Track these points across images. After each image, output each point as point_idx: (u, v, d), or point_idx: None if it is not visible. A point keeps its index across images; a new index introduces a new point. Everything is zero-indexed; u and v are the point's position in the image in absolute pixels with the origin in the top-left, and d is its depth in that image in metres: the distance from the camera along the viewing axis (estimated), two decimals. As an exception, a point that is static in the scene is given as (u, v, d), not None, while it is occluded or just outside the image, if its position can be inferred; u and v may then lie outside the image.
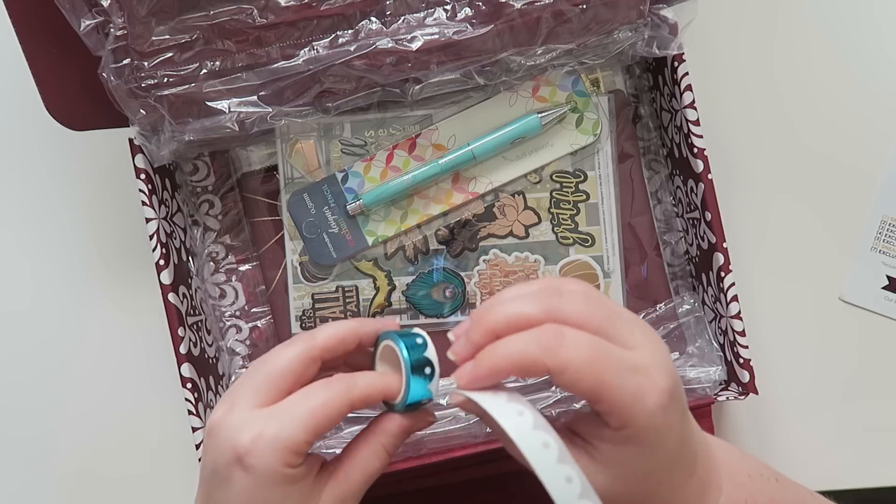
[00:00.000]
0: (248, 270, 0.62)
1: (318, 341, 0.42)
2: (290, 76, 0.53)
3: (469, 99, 0.60)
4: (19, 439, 0.64)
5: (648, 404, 0.38)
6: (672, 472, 0.41)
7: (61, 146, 0.64)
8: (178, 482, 0.63)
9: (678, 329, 0.61)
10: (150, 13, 0.51)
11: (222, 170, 0.62)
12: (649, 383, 0.38)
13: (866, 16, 0.65)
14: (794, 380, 0.63)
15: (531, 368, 0.37)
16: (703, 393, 0.58)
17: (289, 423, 0.39)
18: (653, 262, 0.62)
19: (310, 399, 0.40)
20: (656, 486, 0.41)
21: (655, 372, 0.38)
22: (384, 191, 0.60)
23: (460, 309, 0.62)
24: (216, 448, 0.41)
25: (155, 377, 0.63)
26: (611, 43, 0.56)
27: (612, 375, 0.37)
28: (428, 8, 0.53)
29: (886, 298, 0.63)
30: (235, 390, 0.42)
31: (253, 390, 0.41)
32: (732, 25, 0.65)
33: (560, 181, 0.61)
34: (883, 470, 0.64)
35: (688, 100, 0.56)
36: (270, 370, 0.42)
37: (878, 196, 0.64)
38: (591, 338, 0.38)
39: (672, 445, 0.40)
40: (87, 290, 0.64)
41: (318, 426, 0.40)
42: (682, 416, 0.40)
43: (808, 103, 0.64)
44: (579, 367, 0.37)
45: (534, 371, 0.38)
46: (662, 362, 0.39)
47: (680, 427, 0.40)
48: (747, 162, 0.64)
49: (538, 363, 0.37)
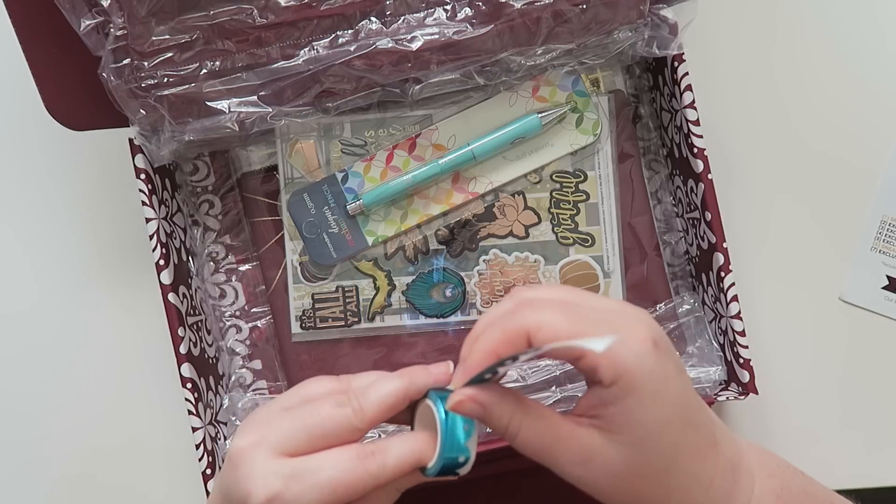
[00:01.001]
0: (248, 270, 0.62)
1: (368, 415, 0.41)
2: (290, 76, 0.53)
3: (469, 99, 0.60)
4: (19, 439, 0.64)
5: (632, 347, 0.38)
6: (686, 433, 0.40)
7: (61, 146, 0.64)
8: (177, 482, 0.63)
9: (678, 329, 0.61)
10: (150, 13, 0.51)
11: (222, 170, 0.62)
12: (628, 330, 0.38)
13: (866, 16, 0.65)
14: (794, 380, 0.63)
15: (513, 337, 0.38)
16: (703, 393, 0.58)
17: (308, 492, 0.39)
18: (653, 262, 0.62)
19: (336, 469, 0.40)
20: (674, 453, 0.39)
21: (631, 320, 0.39)
22: (384, 191, 0.60)
23: (460, 309, 0.62)
24: (234, 482, 0.41)
25: (155, 377, 0.63)
26: (611, 43, 0.56)
27: (587, 324, 0.38)
28: (428, 8, 0.53)
29: (886, 298, 0.63)
30: (268, 422, 0.41)
31: (286, 436, 0.40)
32: (732, 25, 0.65)
33: (560, 181, 0.61)
34: (883, 470, 0.64)
35: (688, 100, 0.56)
36: (311, 425, 0.41)
37: (878, 196, 0.64)
38: (560, 300, 0.40)
39: (675, 396, 0.39)
40: (87, 291, 0.64)
41: (337, 500, 0.40)
42: (678, 369, 0.40)
43: (808, 103, 0.64)
44: (554, 322, 0.38)
45: (517, 339, 0.38)
46: (638, 315, 0.40)
47: (679, 379, 0.39)
48: (747, 162, 0.64)
49: (518, 328, 0.38)
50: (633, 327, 0.39)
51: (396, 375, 0.42)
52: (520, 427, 0.39)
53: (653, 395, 0.38)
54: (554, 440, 0.39)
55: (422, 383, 0.42)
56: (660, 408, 0.38)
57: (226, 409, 0.59)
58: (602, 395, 0.39)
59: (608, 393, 0.38)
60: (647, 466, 0.39)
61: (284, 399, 0.43)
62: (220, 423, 0.59)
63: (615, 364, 0.38)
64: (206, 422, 0.56)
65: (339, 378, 0.44)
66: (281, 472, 0.39)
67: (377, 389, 0.41)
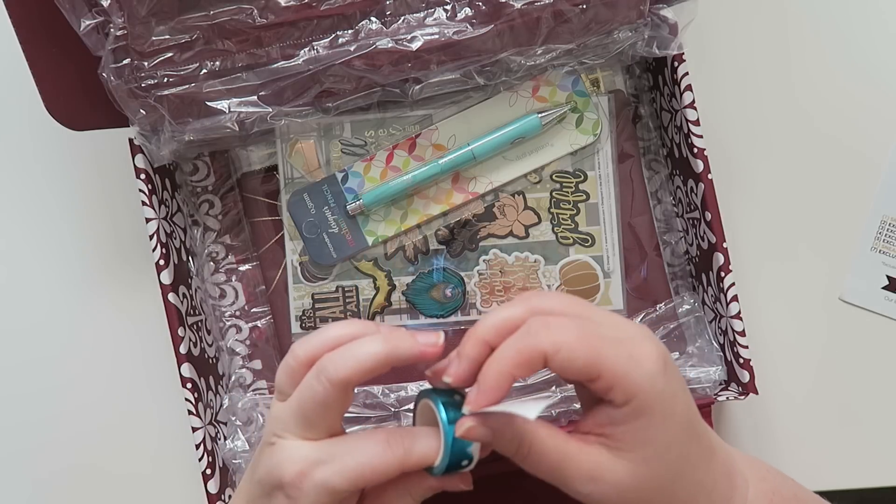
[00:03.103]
0: (248, 270, 0.62)
1: (340, 381, 0.40)
2: (290, 76, 0.53)
3: (469, 99, 0.60)
4: (18, 440, 0.64)
5: (646, 368, 0.39)
6: (690, 445, 0.41)
7: (61, 146, 0.64)
8: (178, 482, 0.63)
9: (678, 329, 0.61)
10: (150, 13, 0.51)
11: (222, 170, 0.62)
12: (640, 350, 0.39)
13: (866, 17, 0.65)
14: (794, 380, 0.63)
15: (530, 359, 0.38)
16: (703, 393, 0.58)
17: (336, 474, 0.39)
18: (653, 262, 0.62)
19: (364, 453, 0.40)
20: (680, 465, 0.40)
21: (642, 341, 0.40)
22: (384, 191, 0.60)
23: (460, 309, 0.62)
24: (266, 467, 0.41)
25: (155, 377, 0.63)
26: (611, 43, 0.56)
27: (603, 346, 0.38)
28: (428, 8, 0.53)
29: (886, 298, 0.63)
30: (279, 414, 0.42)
31: (292, 421, 0.41)
32: (732, 25, 0.65)
33: (560, 181, 0.61)
34: (883, 470, 0.64)
35: (688, 100, 0.56)
36: (304, 405, 0.40)
37: (878, 196, 0.64)
38: (575, 318, 0.40)
39: (682, 414, 0.40)
40: (87, 291, 0.64)
41: (364, 482, 0.40)
42: (682, 386, 0.41)
43: (808, 103, 0.64)
44: (571, 344, 0.38)
45: (534, 362, 0.38)
46: (647, 335, 0.40)
47: (684, 396, 0.40)
48: (748, 162, 0.64)
49: (534, 351, 0.38)
50: (644, 347, 0.39)
51: (379, 339, 0.40)
52: (530, 448, 0.40)
53: (663, 414, 0.39)
54: (563, 459, 0.39)
55: (405, 352, 0.40)
56: (670, 426, 0.39)
57: (226, 409, 0.60)
58: (612, 415, 0.39)
59: (619, 413, 0.39)
60: (655, 480, 0.40)
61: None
62: (220, 423, 0.59)
63: (630, 385, 0.38)
64: (206, 422, 0.56)
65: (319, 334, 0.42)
66: (309, 454, 0.40)
67: (354, 354, 0.40)
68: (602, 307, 0.61)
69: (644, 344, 0.40)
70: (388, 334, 0.40)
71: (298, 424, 0.40)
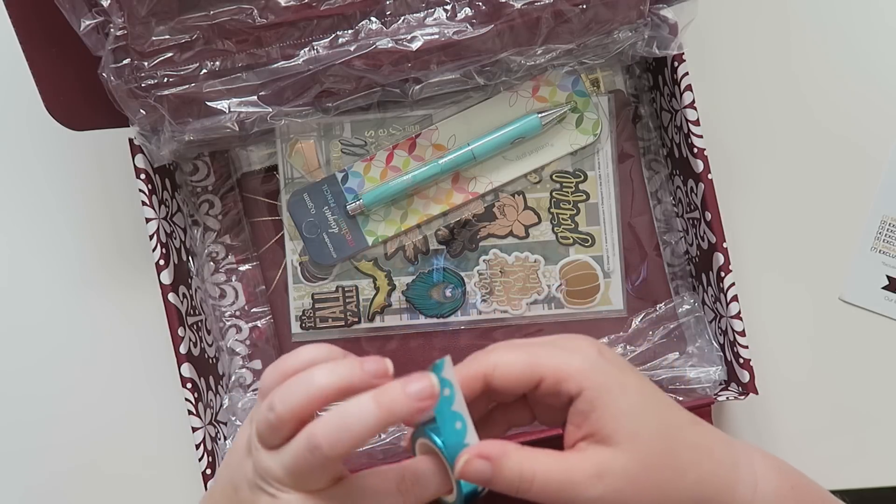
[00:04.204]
0: (248, 270, 0.62)
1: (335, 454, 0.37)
2: (290, 76, 0.53)
3: (469, 99, 0.60)
4: (18, 440, 0.64)
5: (582, 354, 0.41)
6: (668, 411, 0.42)
7: (61, 146, 0.64)
8: (177, 482, 0.63)
9: (678, 329, 0.61)
10: (150, 13, 0.51)
11: (222, 170, 0.62)
12: (572, 345, 0.42)
13: (866, 17, 0.65)
14: (794, 380, 0.63)
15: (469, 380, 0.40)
16: (703, 393, 0.58)
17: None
18: (653, 262, 0.62)
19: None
20: (667, 430, 0.41)
21: (572, 339, 0.42)
22: (384, 191, 0.60)
23: (460, 309, 0.62)
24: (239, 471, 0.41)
25: (155, 377, 0.63)
26: (611, 43, 0.56)
27: (536, 351, 0.41)
28: (428, 8, 0.53)
29: (886, 298, 0.63)
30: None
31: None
32: (732, 25, 0.65)
33: (560, 181, 0.61)
34: (883, 470, 0.64)
35: (688, 100, 0.56)
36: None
37: (878, 196, 0.64)
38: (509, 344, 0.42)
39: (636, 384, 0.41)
40: (87, 290, 0.64)
41: None
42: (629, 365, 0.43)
43: (808, 103, 0.64)
44: (506, 358, 0.41)
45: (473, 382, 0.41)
46: (577, 335, 0.43)
47: (634, 373, 0.42)
48: (748, 162, 0.64)
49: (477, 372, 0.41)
50: (575, 342, 0.42)
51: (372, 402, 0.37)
52: (533, 474, 0.39)
53: (620, 386, 0.40)
54: (567, 471, 0.40)
55: (401, 412, 0.37)
56: (631, 394, 0.41)
57: (226, 409, 0.60)
58: (579, 408, 0.40)
59: (582, 402, 0.40)
60: (651, 451, 0.40)
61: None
62: (220, 423, 0.59)
63: (573, 371, 0.40)
64: (206, 422, 0.56)
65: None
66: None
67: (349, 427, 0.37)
68: (601, 307, 0.61)
69: (574, 340, 0.42)
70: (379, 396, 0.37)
71: (297, 483, 0.39)
